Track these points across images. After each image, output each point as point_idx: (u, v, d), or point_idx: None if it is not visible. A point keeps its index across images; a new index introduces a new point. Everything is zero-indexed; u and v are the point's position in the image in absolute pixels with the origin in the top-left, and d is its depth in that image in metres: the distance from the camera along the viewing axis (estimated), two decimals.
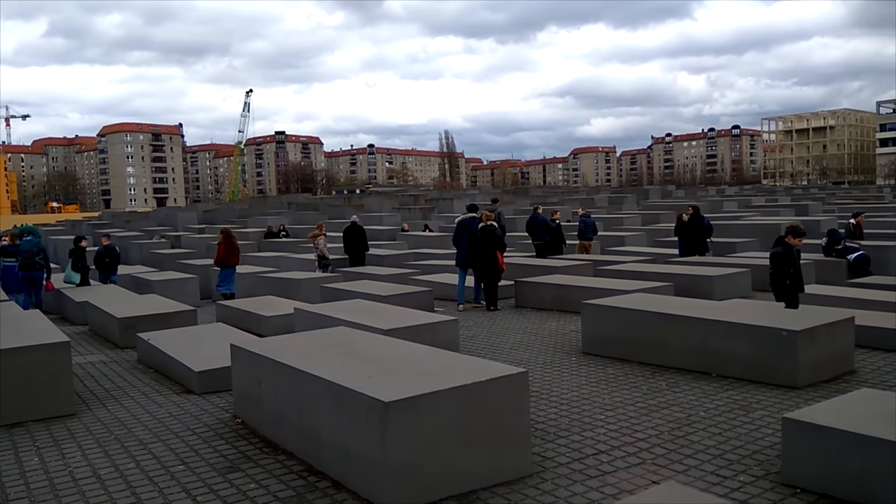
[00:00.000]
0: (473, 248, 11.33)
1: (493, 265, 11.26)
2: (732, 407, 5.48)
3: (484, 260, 11.26)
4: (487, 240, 11.26)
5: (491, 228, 11.44)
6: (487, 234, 11.35)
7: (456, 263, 11.84)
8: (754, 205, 32.26)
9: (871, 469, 3.63)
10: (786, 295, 7.90)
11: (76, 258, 13.38)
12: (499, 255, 11.32)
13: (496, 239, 11.39)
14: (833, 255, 13.09)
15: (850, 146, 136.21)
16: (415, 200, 46.69)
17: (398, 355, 5.10)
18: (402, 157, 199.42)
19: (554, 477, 4.23)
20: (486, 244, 11.22)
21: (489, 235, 11.33)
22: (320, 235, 16.92)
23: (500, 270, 11.39)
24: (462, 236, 11.58)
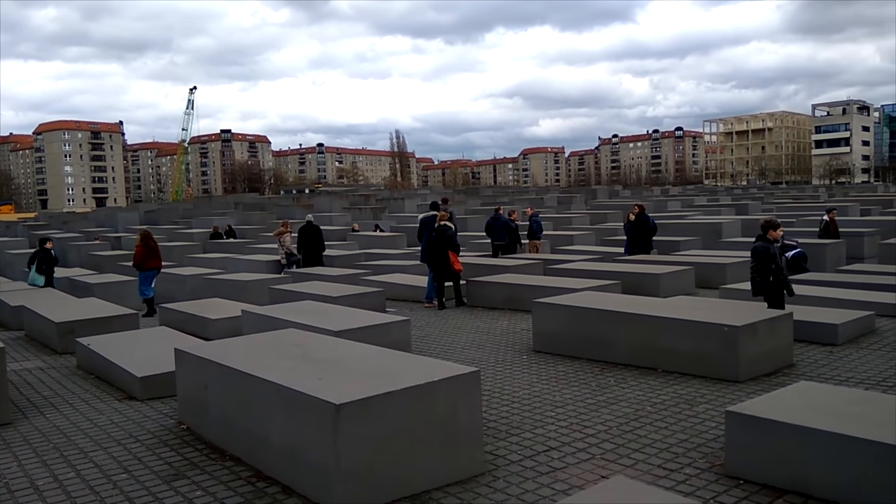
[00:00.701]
0: (430, 247, 11.48)
1: (447, 265, 11.35)
2: (678, 401, 5.61)
3: (438, 259, 11.39)
4: (440, 240, 11.36)
5: (444, 228, 11.51)
6: (440, 234, 11.43)
7: (421, 260, 12.09)
8: (697, 204, 33.21)
9: (810, 459, 3.77)
10: (767, 291, 7.58)
11: (41, 260, 12.96)
12: (451, 256, 11.37)
13: (448, 239, 11.46)
14: None
15: (788, 147, 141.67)
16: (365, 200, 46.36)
17: (349, 357, 5.05)
18: (352, 157, 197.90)
19: (506, 475, 4.26)
20: (440, 244, 11.31)
21: (442, 235, 11.41)
22: (286, 233, 16.76)
23: (457, 271, 11.50)
24: (425, 234, 11.79)
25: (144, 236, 13.06)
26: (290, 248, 16.60)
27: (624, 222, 16.33)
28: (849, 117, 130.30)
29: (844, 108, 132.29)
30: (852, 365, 6.55)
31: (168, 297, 13.63)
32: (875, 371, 6.30)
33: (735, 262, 12.62)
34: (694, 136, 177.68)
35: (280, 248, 16.72)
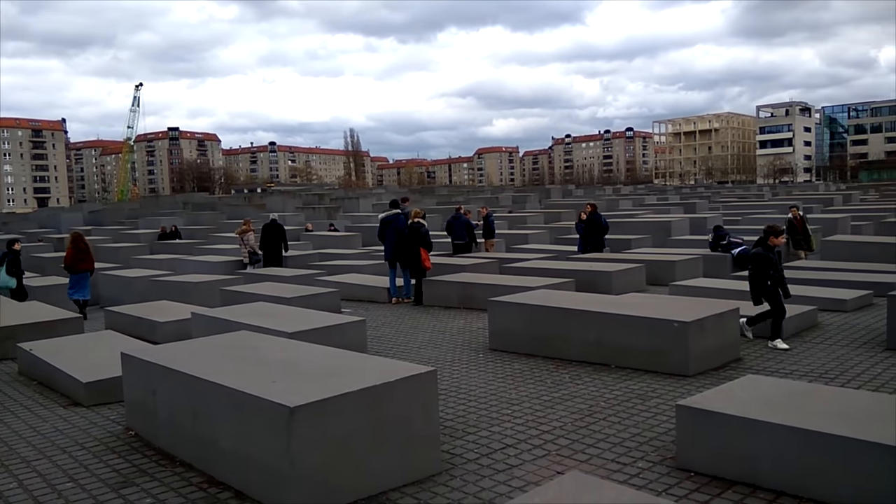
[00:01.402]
0: (400, 244, 11.64)
1: (418, 262, 11.55)
2: (630, 396, 5.72)
3: (410, 256, 11.58)
4: (414, 237, 11.55)
5: (418, 226, 11.70)
6: (414, 231, 11.62)
7: (385, 259, 12.20)
8: (647, 203, 33.95)
9: (757, 451, 3.88)
10: (767, 296, 7.40)
11: (10, 262, 12.53)
12: (423, 253, 11.59)
13: (422, 236, 11.67)
14: (719, 249, 13.93)
15: (733, 148, 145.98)
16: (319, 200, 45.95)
17: (303, 358, 4.98)
18: (305, 156, 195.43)
19: (463, 473, 4.26)
20: (413, 241, 11.51)
21: (416, 233, 11.61)
22: (249, 231, 16.46)
23: (426, 268, 11.70)
24: (388, 233, 11.84)
25: (75, 238, 12.66)
26: (253, 247, 16.38)
27: (577, 221, 16.57)
28: (791, 118, 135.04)
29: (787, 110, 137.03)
30: (796, 358, 6.78)
31: (114, 299, 13.24)
32: (818, 364, 6.54)
33: (684, 260, 12.93)
34: (644, 136, 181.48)
35: (243, 246, 16.43)
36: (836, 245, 13.74)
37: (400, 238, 11.70)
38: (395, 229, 11.80)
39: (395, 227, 11.82)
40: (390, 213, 12.16)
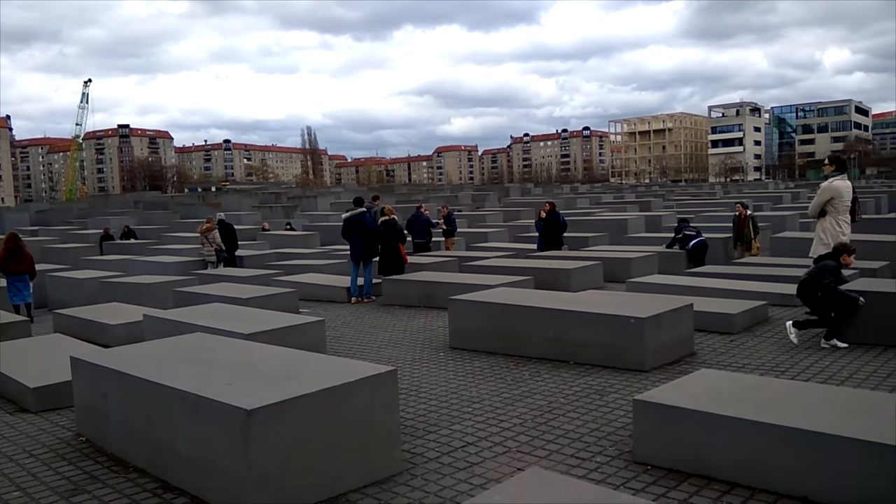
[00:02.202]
0: (372, 242, 11.82)
1: (397, 257, 11.90)
2: (589, 392, 5.79)
3: (387, 254, 11.87)
4: (391, 234, 11.92)
5: (392, 222, 12.02)
6: (390, 227, 11.93)
7: (351, 258, 12.32)
8: (604, 202, 34.47)
9: (711, 443, 3.97)
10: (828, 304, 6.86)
11: None
12: (401, 248, 11.99)
13: (398, 232, 12.09)
14: (675, 245, 14.19)
15: (686, 147, 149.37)
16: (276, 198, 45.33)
17: (260, 360, 4.90)
18: (261, 154, 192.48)
19: (424, 472, 4.25)
20: (391, 238, 11.87)
21: (391, 229, 11.95)
22: (214, 229, 16.14)
23: (404, 262, 12.09)
24: (354, 231, 11.90)
25: (8, 238, 12.20)
26: (220, 245, 16.09)
27: (536, 219, 16.72)
28: (742, 118, 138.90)
29: (738, 110, 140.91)
30: (748, 352, 6.96)
31: (62, 302, 12.82)
32: (769, 357, 6.72)
33: (640, 257, 13.16)
34: (600, 135, 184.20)
35: (208, 244, 16.10)
36: (785, 241, 14.15)
37: (368, 236, 11.73)
38: (363, 228, 11.79)
39: (361, 226, 11.79)
40: (356, 212, 12.10)
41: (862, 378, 5.84)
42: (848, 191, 8.34)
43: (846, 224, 8.28)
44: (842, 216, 8.24)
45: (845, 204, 8.25)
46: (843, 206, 8.23)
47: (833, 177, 8.36)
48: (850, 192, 8.40)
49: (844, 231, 8.21)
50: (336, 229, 24.44)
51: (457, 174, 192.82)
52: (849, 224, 8.35)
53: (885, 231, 13.38)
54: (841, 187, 8.25)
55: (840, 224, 8.21)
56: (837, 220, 8.21)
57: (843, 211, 8.25)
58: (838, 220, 8.21)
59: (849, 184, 8.43)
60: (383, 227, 11.90)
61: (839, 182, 8.28)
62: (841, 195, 8.23)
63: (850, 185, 8.43)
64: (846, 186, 8.33)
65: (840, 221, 8.22)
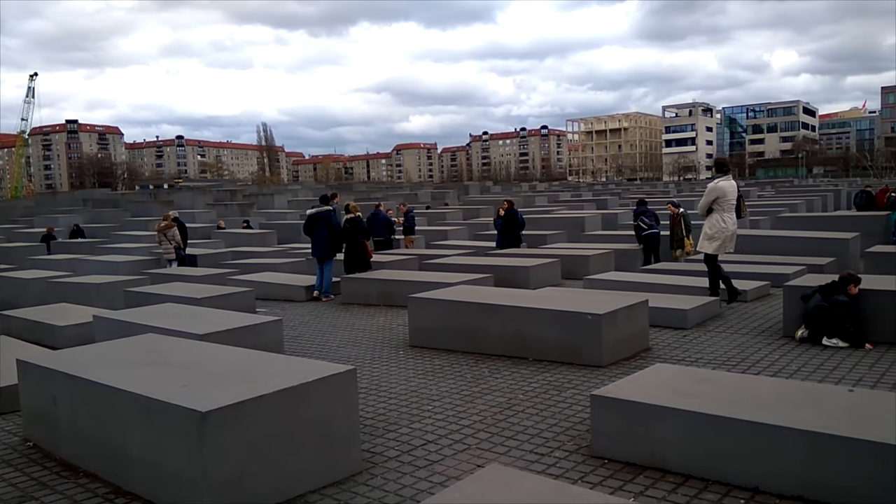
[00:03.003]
0: (336, 240, 11.84)
1: (363, 255, 12.02)
2: (547, 388, 5.85)
3: (353, 251, 11.97)
4: (357, 231, 12.02)
5: (358, 220, 12.12)
6: (355, 224, 12.02)
7: (312, 255, 12.32)
8: (562, 200, 34.88)
9: (666, 436, 4.05)
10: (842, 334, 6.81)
11: None
12: (367, 245, 12.11)
13: (364, 230, 12.21)
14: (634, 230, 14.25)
15: (641, 146, 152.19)
16: (231, 196, 44.51)
17: (216, 361, 4.81)
18: (215, 150, 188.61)
19: (383, 472, 4.24)
20: (356, 235, 11.97)
21: (358, 227, 12.04)
22: (173, 226, 15.75)
23: (369, 259, 12.23)
24: (317, 229, 11.85)
25: None
26: (179, 242, 15.77)
27: (495, 217, 16.82)
28: (694, 118, 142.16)
29: (690, 110, 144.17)
30: (701, 347, 7.13)
31: (8, 302, 12.36)
32: (721, 352, 6.90)
33: (597, 254, 13.35)
34: (558, 134, 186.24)
35: (167, 242, 15.72)
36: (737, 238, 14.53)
37: (332, 235, 11.72)
38: (328, 227, 11.76)
39: (326, 225, 11.77)
40: (321, 210, 12.04)
41: (809, 371, 6.04)
42: (732, 190, 8.95)
43: (731, 220, 8.89)
44: (727, 213, 8.87)
45: (730, 202, 8.87)
46: (728, 205, 8.86)
47: (718, 178, 9.05)
48: (735, 191, 9.02)
49: (729, 227, 8.83)
50: (294, 227, 24.23)
51: (416, 172, 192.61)
52: (734, 221, 8.96)
53: (831, 228, 13.88)
54: (725, 187, 8.89)
55: (725, 220, 8.85)
56: (723, 216, 8.85)
57: (729, 209, 8.88)
58: (723, 217, 8.85)
59: (733, 184, 9.07)
60: (348, 224, 11.90)
61: (724, 182, 8.93)
62: (725, 194, 8.85)
63: (734, 185, 9.06)
64: (730, 186, 8.95)
65: (725, 218, 8.86)
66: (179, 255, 15.75)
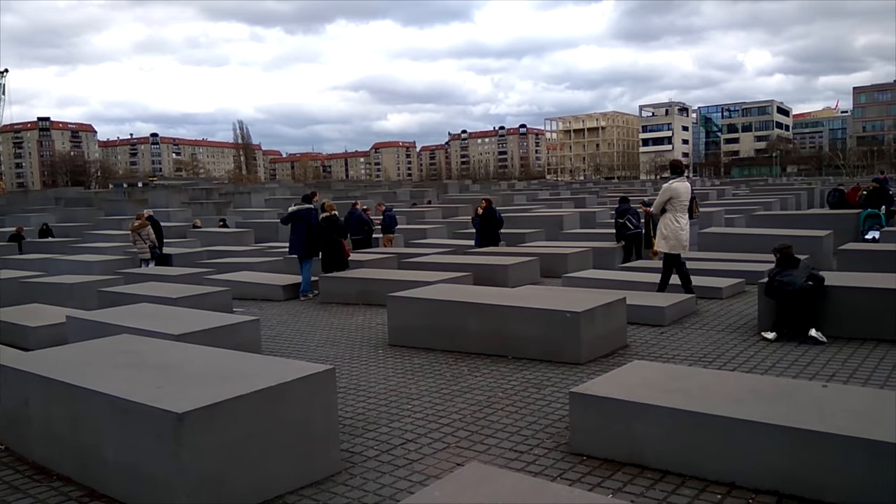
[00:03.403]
0: (314, 238, 11.81)
1: (340, 253, 11.99)
2: (527, 386, 5.87)
3: (330, 250, 11.91)
4: (333, 229, 11.95)
5: (334, 218, 12.07)
6: (331, 223, 11.96)
7: (290, 253, 12.43)
8: (540, 198, 35.04)
9: (644, 432, 4.08)
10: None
11: None
12: (344, 243, 12.09)
13: (340, 228, 12.17)
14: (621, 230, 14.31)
15: (619, 145, 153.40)
16: (207, 194, 44.02)
17: (192, 362, 4.75)
18: (191, 148, 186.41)
19: (363, 471, 4.22)
20: (332, 233, 11.90)
21: (334, 225, 11.99)
22: (147, 225, 15.53)
23: (347, 258, 12.21)
24: (297, 226, 11.88)
25: None
26: (153, 241, 15.54)
27: (473, 216, 16.84)
28: (671, 118, 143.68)
29: (667, 110, 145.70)
30: (678, 343, 7.21)
31: None
32: (697, 348, 6.97)
33: (575, 252, 13.43)
34: (536, 133, 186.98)
35: (142, 242, 15.50)
36: (712, 237, 14.72)
37: (310, 233, 11.73)
38: (307, 224, 11.78)
39: (305, 222, 11.79)
40: (303, 207, 12.07)
41: (784, 367, 6.13)
42: (686, 191, 9.17)
43: (684, 220, 9.12)
44: (679, 213, 9.10)
45: (682, 203, 9.10)
46: (681, 205, 9.10)
47: (672, 179, 9.29)
48: (689, 191, 9.25)
49: (682, 226, 9.06)
50: (271, 226, 24.06)
51: (395, 170, 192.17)
52: (687, 220, 9.17)
53: (805, 226, 14.11)
54: (679, 188, 9.11)
55: (678, 220, 9.07)
56: (675, 216, 9.07)
57: (682, 209, 9.12)
58: (676, 217, 9.07)
59: (687, 185, 9.29)
60: (324, 223, 11.89)
61: (677, 184, 9.14)
62: (679, 195, 9.08)
63: (688, 186, 9.29)
64: (684, 187, 9.17)
65: (678, 218, 9.08)
66: (155, 255, 15.55)
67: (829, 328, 6.97)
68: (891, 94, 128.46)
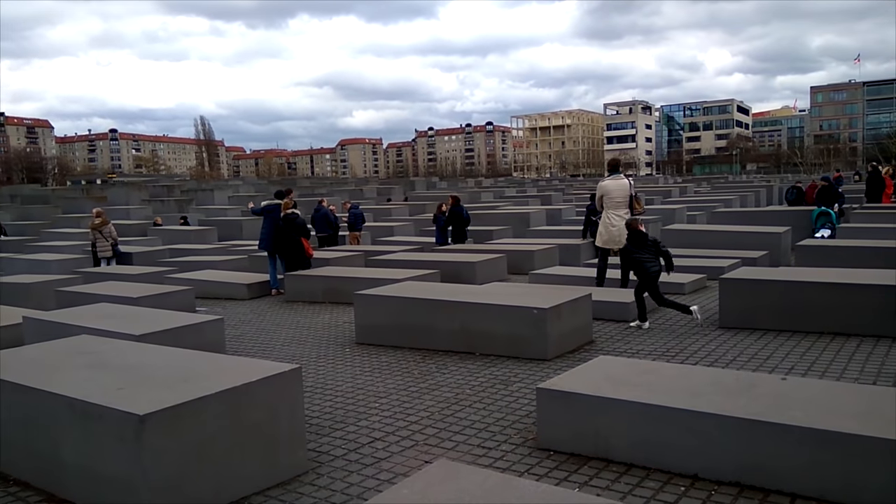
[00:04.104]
0: (278, 235, 11.74)
1: (301, 252, 11.78)
2: (494, 382, 5.89)
3: (289, 247, 11.74)
4: (291, 228, 11.76)
5: (293, 216, 11.88)
6: (289, 221, 11.78)
7: (259, 248, 12.40)
8: (507, 196, 35.17)
9: (609, 427, 4.13)
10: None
11: None
12: (305, 242, 11.87)
13: (298, 226, 11.93)
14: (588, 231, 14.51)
15: (584, 143, 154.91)
16: (169, 192, 43.13)
17: (154, 363, 4.65)
18: (151, 144, 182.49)
19: (330, 471, 4.19)
20: (291, 231, 11.72)
21: (291, 223, 11.80)
22: (108, 222, 15.21)
23: (309, 256, 12.00)
24: (266, 221, 11.88)
25: None
26: (115, 238, 15.20)
27: (435, 213, 16.86)
28: (634, 116, 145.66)
29: (631, 108, 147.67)
30: (642, 339, 7.31)
31: None
32: (660, 343, 7.09)
33: (542, 249, 13.52)
34: (503, 130, 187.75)
35: (104, 240, 15.10)
36: (674, 233, 14.95)
37: (276, 230, 11.72)
38: (273, 219, 11.82)
39: (273, 217, 11.85)
40: (272, 203, 12.16)
41: (744, 360, 6.27)
42: (617, 189, 9.48)
43: (617, 217, 9.36)
44: (611, 210, 9.44)
45: (615, 201, 9.43)
46: (613, 203, 9.44)
47: (608, 177, 9.73)
48: (623, 189, 9.48)
49: (614, 223, 9.34)
50: (235, 223, 23.71)
51: (361, 167, 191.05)
52: (620, 218, 9.34)
53: (764, 223, 14.44)
54: (608, 186, 9.53)
55: (610, 217, 9.43)
56: (608, 213, 9.45)
57: (614, 206, 9.44)
58: (608, 214, 9.45)
59: (621, 183, 9.59)
60: (283, 221, 11.79)
61: (608, 181, 9.59)
62: (609, 192, 9.48)
63: (621, 184, 9.56)
64: (615, 185, 9.51)
65: (610, 215, 9.44)
66: (115, 252, 15.20)
67: (789, 322, 7.16)
68: (846, 94, 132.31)
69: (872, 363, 5.91)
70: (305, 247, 11.99)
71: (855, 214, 16.55)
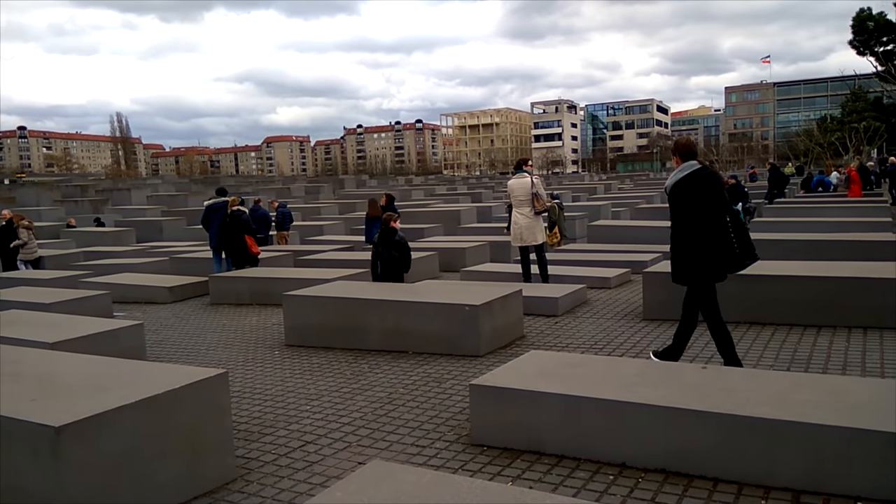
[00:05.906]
0: (224, 233, 11.74)
1: (245, 250, 11.72)
2: (427, 380, 5.89)
3: (235, 245, 11.71)
4: (235, 225, 11.72)
5: (238, 213, 11.86)
6: (235, 219, 11.76)
7: (210, 247, 12.30)
8: (438, 193, 35.32)
9: (541, 420, 4.20)
10: None
11: None
12: (249, 240, 11.79)
13: (244, 224, 11.90)
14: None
15: (512, 141, 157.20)
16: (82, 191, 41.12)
17: (69, 371, 4.42)
18: (63, 142, 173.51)
19: (260, 477, 4.08)
20: (235, 229, 11.67)
21: (237, 221, 11.78)
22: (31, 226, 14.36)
23: (254, 254, 11.91)
24: (213, 220, 11.81)
25: None
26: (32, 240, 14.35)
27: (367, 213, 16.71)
28: (560, 115, 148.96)
29: (557, 107, 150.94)
30: (571, 332, 7.47)
31: None
32: (588, 336, 7.26)
33: (473, 246, 13.64)
34: (433, 128, 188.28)
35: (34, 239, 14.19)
36: (600, 229, 15.39)
37: (224, 227, 11.69)
38: (221, 217, 11.79)
39: (221, 215, 11.80)
40: (218, 201, 12.06)
41: None
42: (519, 187, 9.64)
43: (520, 215, 9.61)
44: (516, 208, 9.70)
45: (518, 198, 9.65)
46: (517, 201, 9.67)
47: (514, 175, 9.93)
48: (524, 187, 9.60)
49: (518, 221, 9.62)
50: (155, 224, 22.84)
51: (289, 165, 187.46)
52: (524, 215, 9.56)
53: None
54: (513, 184, 9.79)
55: (515, 215, 9.69)
56: (515, 211, 9.76)
57: (518, 204, 9.68)
58: (514, 212, 9.77)
59: (523, 181, 9.64)
60: (229, 218, 11.72)
61: (513, 180, 9.83)
62: (513, 191, 9.74)
63: (523, 183, 9.63)
64: (518, 184, 9.69)
65: (515, 213, 9.70)
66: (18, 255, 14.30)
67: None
68: (759, 94, 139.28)
69: (786, 351, 6.23)
70: (249, 244, 11.88)
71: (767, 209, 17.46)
